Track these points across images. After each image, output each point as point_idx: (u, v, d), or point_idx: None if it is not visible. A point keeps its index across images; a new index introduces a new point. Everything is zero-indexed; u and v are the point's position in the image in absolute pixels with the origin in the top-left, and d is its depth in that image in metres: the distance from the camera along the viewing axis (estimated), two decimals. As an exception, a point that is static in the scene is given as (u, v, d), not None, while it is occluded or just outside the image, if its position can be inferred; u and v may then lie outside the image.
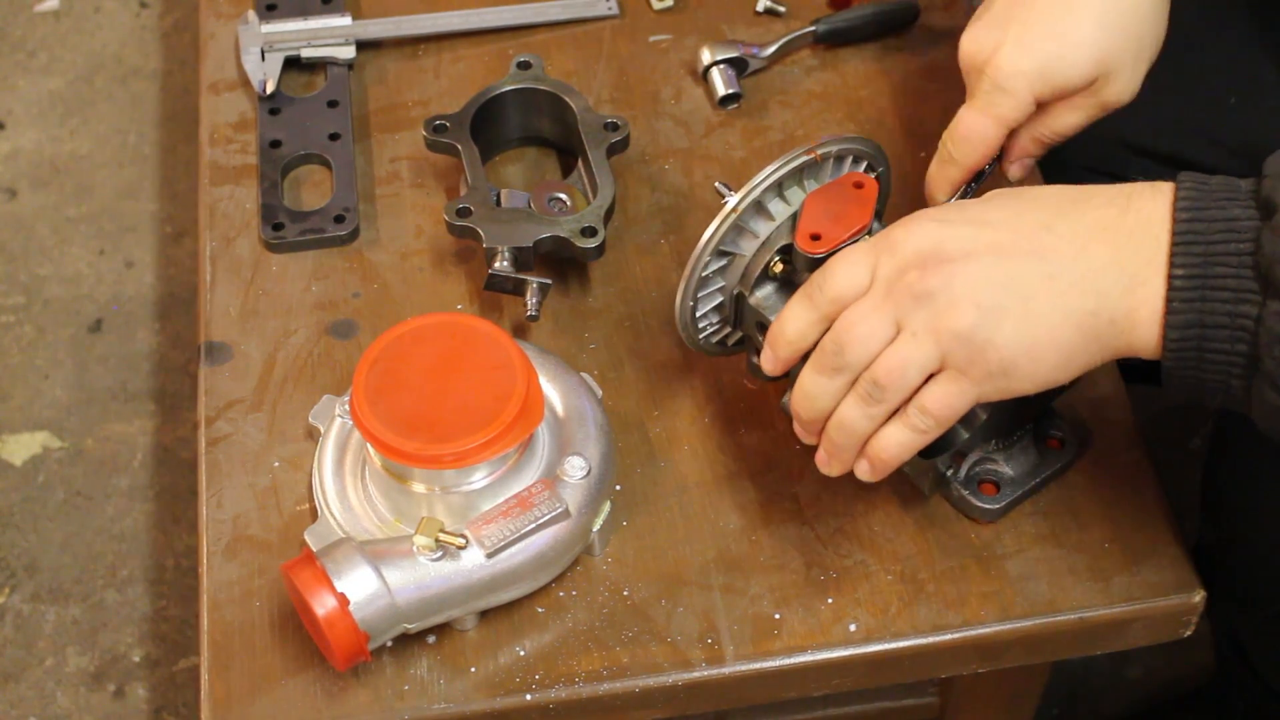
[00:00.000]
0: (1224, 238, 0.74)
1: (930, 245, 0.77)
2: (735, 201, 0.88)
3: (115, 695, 1.57)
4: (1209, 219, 0.75)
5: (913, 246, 0.78)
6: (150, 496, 1.70)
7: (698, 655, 0.89)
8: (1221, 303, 0.74)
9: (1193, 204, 0.75)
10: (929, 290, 0.77)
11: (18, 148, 1.98)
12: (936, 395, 0.78)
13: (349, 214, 1.08)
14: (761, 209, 0.89)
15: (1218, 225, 0.74)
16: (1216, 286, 0.74)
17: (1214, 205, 0.75)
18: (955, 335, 0.76)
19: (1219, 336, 0.74)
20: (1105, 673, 1.57)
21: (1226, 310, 0.74)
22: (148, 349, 1.81)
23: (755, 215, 0.89)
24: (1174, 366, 0.76)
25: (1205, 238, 0.74)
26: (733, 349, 0.96)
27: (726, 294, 0.91)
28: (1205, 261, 0.74)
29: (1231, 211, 0.75)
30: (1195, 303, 0.74)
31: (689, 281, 0.89)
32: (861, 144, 0.91)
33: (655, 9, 1.21)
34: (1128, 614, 0.91)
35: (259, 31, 1.18)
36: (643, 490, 0.96)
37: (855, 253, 0.81)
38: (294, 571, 0.84)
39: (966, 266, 0.76)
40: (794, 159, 0.88)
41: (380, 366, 0.87)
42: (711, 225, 0.88)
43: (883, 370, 0.78)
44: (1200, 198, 0.76)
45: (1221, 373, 0.75)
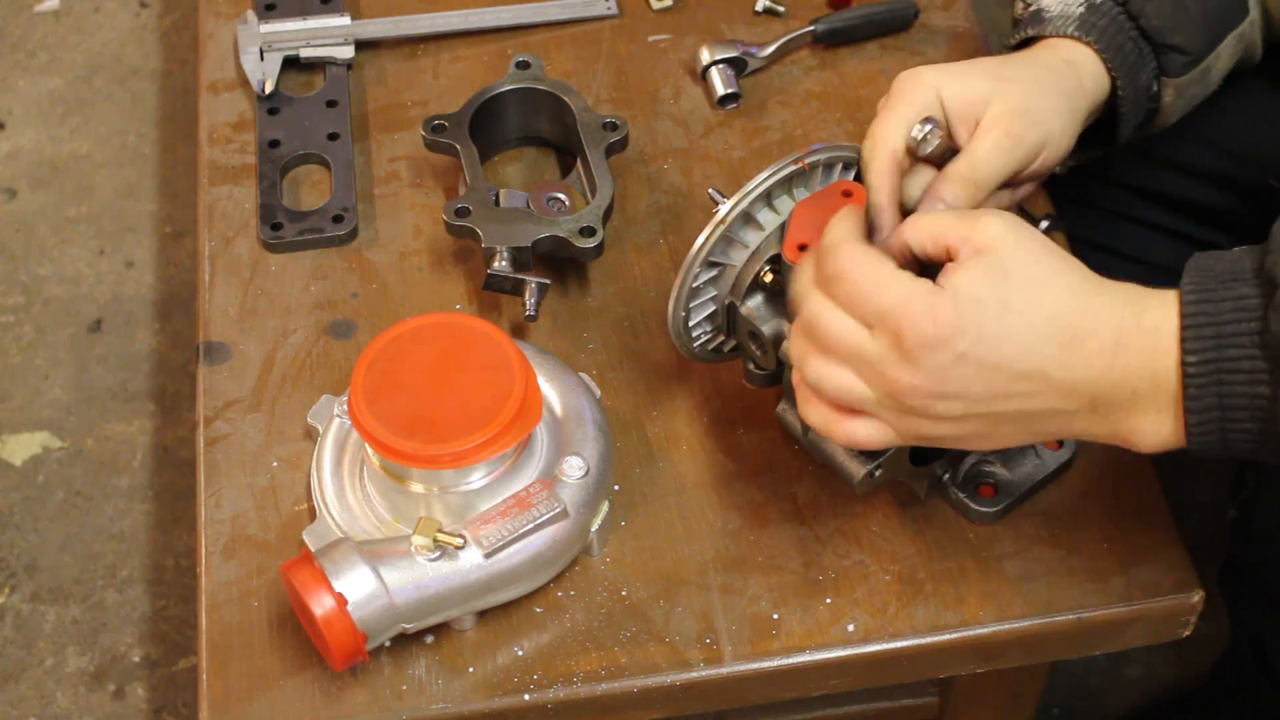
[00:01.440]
0: (1233, 317, 0.74)
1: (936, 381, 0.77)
2: (724, 213, 0.88)
3: (115, 695, 1.57)
4: (1216, 299, 0.75)
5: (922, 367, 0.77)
6: (150, 496, 1.70)
7: (696, 655, 0.89)
8: (1237, 385, 0.74)
9: (1199, 288, 0.76)
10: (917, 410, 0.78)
11: (18, 148, 1.98)
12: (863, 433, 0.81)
13: (348, 214, 1.08)
14: (750, 219, 0.89)
15: (1226, 306, 0.75)
16: (1231, 370, 0.74)
17: (1220, 286, 0.75)
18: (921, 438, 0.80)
19: (1239, 418, 0.75)
20: (1105, 673, 1.56)
21: (1244, 392, 0.74)
22: (147, 349, 1.81)
23: (744, 226, 0.89)
24: (1199, 447, 0.76)
25: (1215, 319, 0.74)
26: (729, 355, 0.96)
27: (719, 303, 0.91)
28: (1218, 344, 0.74)
29: (1239, 290, 0.75)
30: (1211, 387, 0.75)
31: (680, 292, 0.89)
32: (852, 151, 0.91)
33: (654, 9, 1.21)
34: (1126, 614, 0.91)
35: (258, 31, 1.18)
36: (641, 490, 0.96)
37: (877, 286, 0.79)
38: (292, 571, 0.84)
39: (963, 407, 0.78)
40: (782, 169, 0.88)
41: (379, 366, 0.87)
42: (700, 237, 0.88)
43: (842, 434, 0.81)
44: (1204, 282, 0.76)
45: (1247, 446, 0.76)
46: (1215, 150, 1.14)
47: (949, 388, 0.77)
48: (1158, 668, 1.56)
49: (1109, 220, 1.18)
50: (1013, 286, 0.78)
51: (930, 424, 0.79)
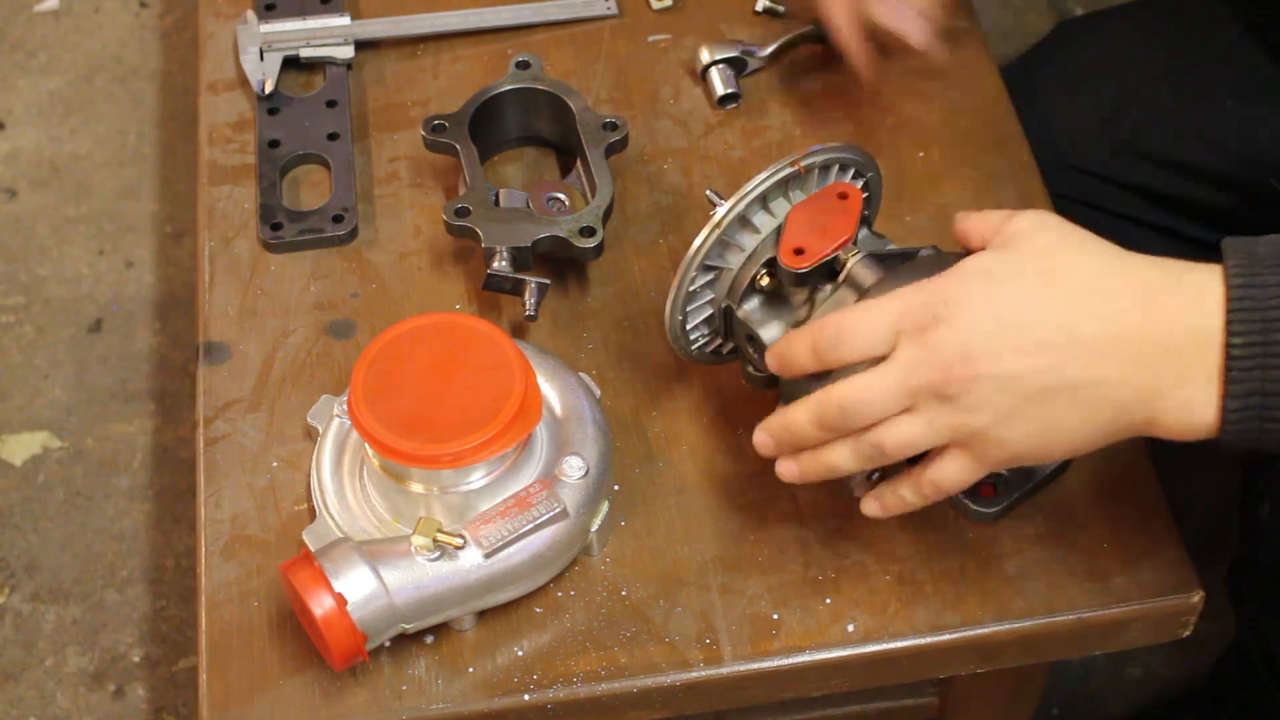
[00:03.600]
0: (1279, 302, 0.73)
1: (954, 346, 0.76)
2: (719, 216, 0.88)
3: (115, 695, 1.57)
4: (1263, 284, 0.74)
5: (936, 343, 0.77)
6: (150, 496, 1.70)
7: (696, 655, 0.89)
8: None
9: (1244, 270, 0.74)
10: (952, 394, 0.77)
11: (18, 148, 1.98)
12: (949, 474, 0.80)
13: (347, 214, 1.08)
14: (746, 223, 0.89)
15: (1274, 290, 0.73)
16: (1276, 352, 0.73)
17: (1266, 271, 0.74)
18: (971, 432, 0.77)
19: (1277, 409, 0.73)
20: (1105, 673, 1.56)
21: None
22: (148, 349, 1.81)
23: (740, 229, 0.89)
24: (1233, 438, 0.75)
25: (1262, 304, 0.73)
26: (727, 358, 0.96)
27: (715, 306, 0.92)
28: (1264, 328, 0.73)
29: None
30: (1255, 370, 0.73)
31: (676, 296, 0.89)
32: (848, 152, 0.91)
33: (654, 9, 1.21)
34: (1126, 614, 0.91)
35: (258, 31, 1.18)
36: (641, 490, 0.96)
37: (876, 321, 0.79)
38: (292, 571, 0.84)
39: (992, 373, 0.76)
40: (778, 171, 0.88)
41: (378, 366, 0.87)
42: (696, 240, 0.88)
43: (891, 443, 0.79)
44: (1251, 264, 0.74)
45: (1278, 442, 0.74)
46: (1216, 150, 1.14)
47: (979, 361, 0.75)
48: (1158, 668, 1.56)
49: (1109, 220, 1.18)
50: (1031, 255, 0.77)
51: (984, 416, 0.76)
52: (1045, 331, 0.75)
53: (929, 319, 0.77)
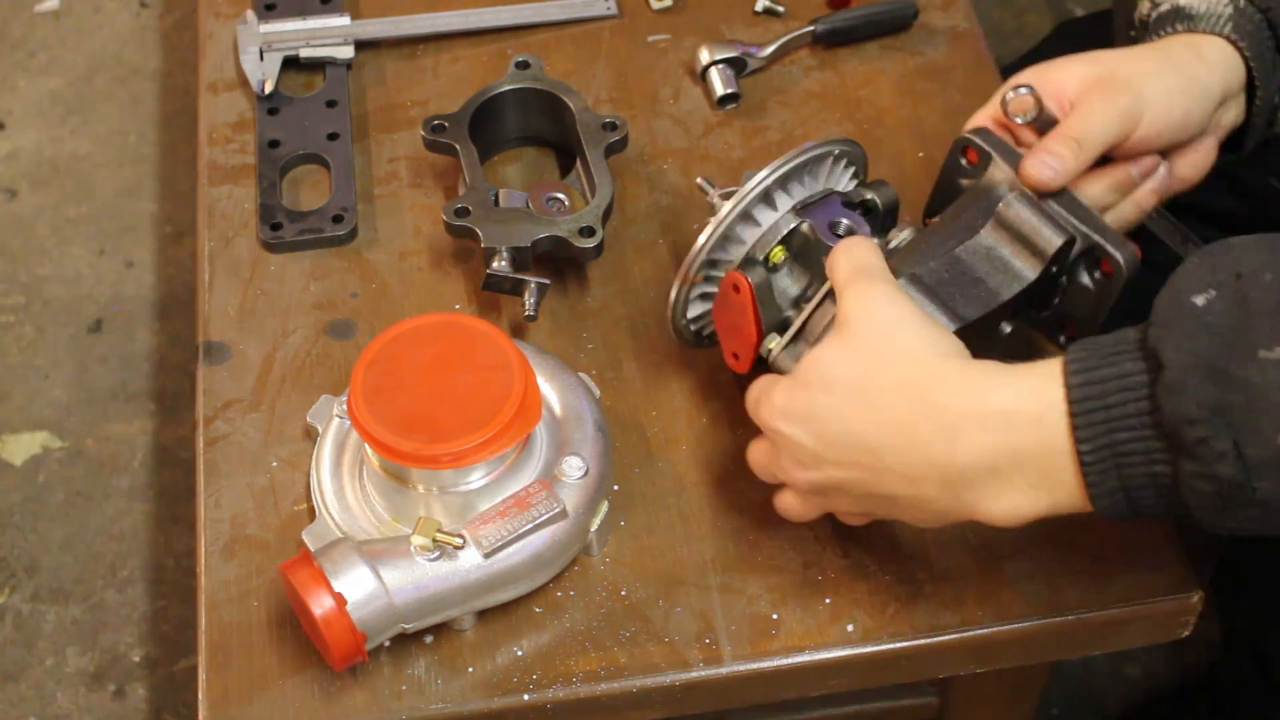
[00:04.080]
0: (1120, 398, 0.72)
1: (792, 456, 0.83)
2: (723, 214, 0.90)
3: (115, 695, 1.57)
4: (1102, 379, 0.73)
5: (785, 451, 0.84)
6: (150, 496, 1.70)
7: (695, 655, 0.89)
8: (1135, 467, 0.73)
9: (1084, 365, 0.74)
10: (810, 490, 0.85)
11: (18, 148, 1.98)
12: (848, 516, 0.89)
13: (347, 214, 1.08)
14: (749, 217, 0.91)
15: (1112, 385, 0.72)
16: (1125, 452, 0.72)
17: (1105, 364, 0.73)
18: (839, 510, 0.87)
19: (1145, 497, 0.74)
20: (1105, 673, 1.57)
21: (1144, 473, 0.73)
22: (148, 349, 1.81)
23: (743, 223, 0.91)
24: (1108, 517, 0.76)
25: (1103, 402, 0.73)
26: None
27: None
28: (1108, 428, 0.72)
29: (1123, 366, 0.72)
30: (1110, 472, 0.73)
31: (677, 298, 0.93)
32: (846, 144, 0.93)
33: (654, 9, 1.21)
34: (1126, 614, 0.91)
35: (258, 31, 1.18)
36: (640, 490, 0.96)
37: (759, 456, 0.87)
38: (291, 571, 0.84)
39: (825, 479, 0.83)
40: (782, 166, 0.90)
41: (378, 366, 0.87)
42: (701, 237, 0.91)
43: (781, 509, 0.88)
44: (1090, 357, 0.74)
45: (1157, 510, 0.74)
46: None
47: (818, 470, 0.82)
48: (1158, 668, 1.57)
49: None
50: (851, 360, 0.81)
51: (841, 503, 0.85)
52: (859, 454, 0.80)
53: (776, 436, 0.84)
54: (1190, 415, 0.69)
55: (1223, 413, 0.68)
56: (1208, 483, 0.70)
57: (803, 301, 0.91)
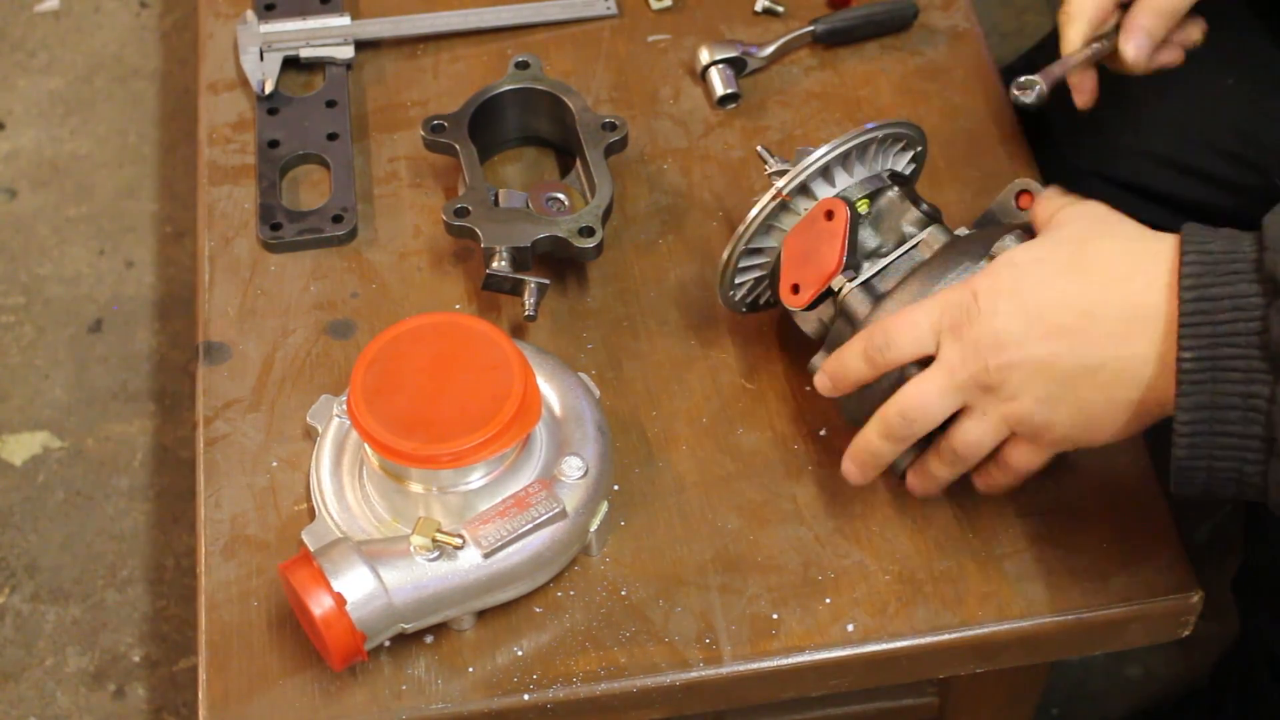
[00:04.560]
0: (1231, 316, 0.73)
1: (988, 336, 0.80)
2: (781, 185, 0.91)
3: (115, 695, 1.57)
4: (1214, 297, 0.74)
5: (973, 335, 0.81)
6: (150, 496, 1.70)
7: (695, 655, 0.89)
8: (1232, 384, 0.73)
9: (1196, 281, 0.75)
10: (992, 383, 0.81)
11: (18, 148, 1.98)
12: (1016, 456, 0.84)
13: (347, 214, 1.08)
14: (806, 190, 0.92)
15: (1224, 304, 0.74)
16: (1226, 368, 0.73)
17: (1219, 281, 0.74)
18: (1019, 419, 0.82)
19: (1231, 419, 0.74)
20: (1105, 673, 1.56)
21: (1238, 391, 0.73)
22: (148, 349, 1.81)
23: (801, 195, 0.92)
24: (1186, 455, 0.75)
25: (1212, 318, 0.74)
26: (764, 307, 0.99)
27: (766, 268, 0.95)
28: (1213, 343, 0.73)
29: (1238, 287, 0.74)
30: (1205, 384, 0.74)
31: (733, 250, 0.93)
32: (908, 128, 0.94)
33: (654, 9, 1.21)
34: (1126, 614, 0.91)
35: (258, 31, 1.18)
36: (640, 490, 0.96)
37: (918, 322, 0.83)
38: (291, 571, 0.84)
39: (1023, 358, 0.79)
40: (846, 142, 0.90)
41: (378, 366, 0.87)
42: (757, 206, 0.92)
43: (960, 444, 0.84)
44: (1204, 273, 0.75)
45: (1235, 458, 0.74)
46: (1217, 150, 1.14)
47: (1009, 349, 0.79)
48: (1158, 668, 1.56)
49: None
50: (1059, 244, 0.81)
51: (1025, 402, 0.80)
52: (1064, 317, 0.78)
53: (964, 315, 0.81)
54: None
55: None
56: None
57: (877, 256, 0.91)
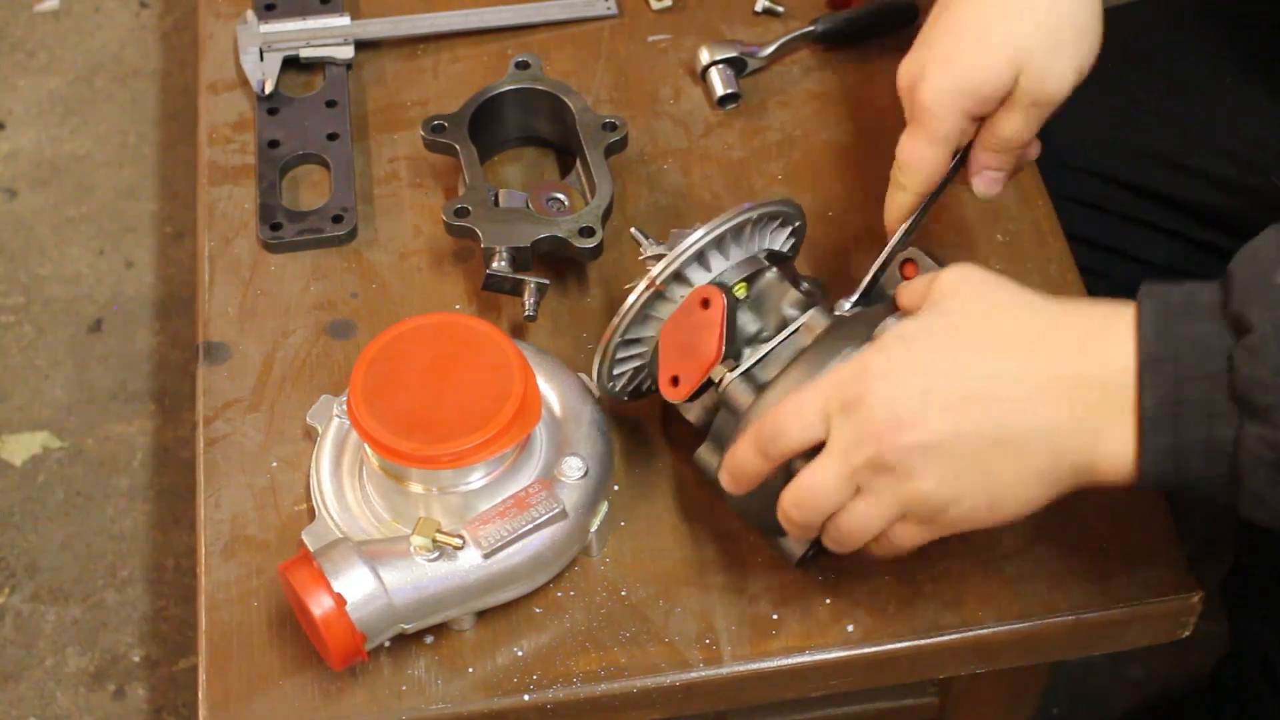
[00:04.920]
0: (1193, 358, 0.72)
1: (882, 411, 0.76)
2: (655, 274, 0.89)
3: (115, 695, 1.57)
4: (1176, 338, 0.72)
5: (864, 412, 0.76)
6: (150, 496, 1.70)
7: (695, 656, 0.89)
8: (1196, 424, 0.71)
9: (1156, 325, 0.73)
10: (889, 464, 0.76)
11: (18, 148, 1.98)
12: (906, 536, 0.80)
13: (347, 214, 1.08)
14: (681, 278, 0.90)
15: (1186, 345, 0.72)
16: (1190, 409, 0.71)
17: (1179, 323, 0.72)
18: (919, 501, 0.77)
19: (1196, 459, 0.72)
20: (1105, 673, 1.56)
21: (1203, 431, 0.71)
22: (148, 349, 1.81)
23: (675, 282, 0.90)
24: (1154, 489, 0.74)
25: (1174, 359, 0.72)
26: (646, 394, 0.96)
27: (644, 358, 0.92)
28: (1176, 384, 0.72)
29: (1198, 329, 0.72)
30: (1169, 426, 0.72)
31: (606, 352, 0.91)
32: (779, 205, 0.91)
33: (654, 9, 1.21)
34: (1126, 615, 0.91)
35: (258, 31, 1.18)
36: (640, 490, 0.95)
37: (806, 406, 0.79)
38: (291, 572, 0.84)
39: (919, 432, 0.75)
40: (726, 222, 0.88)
41: (378, 366, 0.87)
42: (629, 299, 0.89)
43: (846, 529, 0.80)
44: (1162, 316, 0.73)
45: (1202, 489, 0.73)
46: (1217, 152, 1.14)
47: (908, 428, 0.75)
48: (1158, 668, 1.57)
49: (1109, 220, 1.18)
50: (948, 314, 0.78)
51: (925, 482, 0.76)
52: (968, 387, 0.75)
53: (854, 396, 0.77)
54: (1267, 379, 0.69)
55: None
56: (1270, 450, 0.69)
57: (758, 341, 0.88)
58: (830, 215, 1.08)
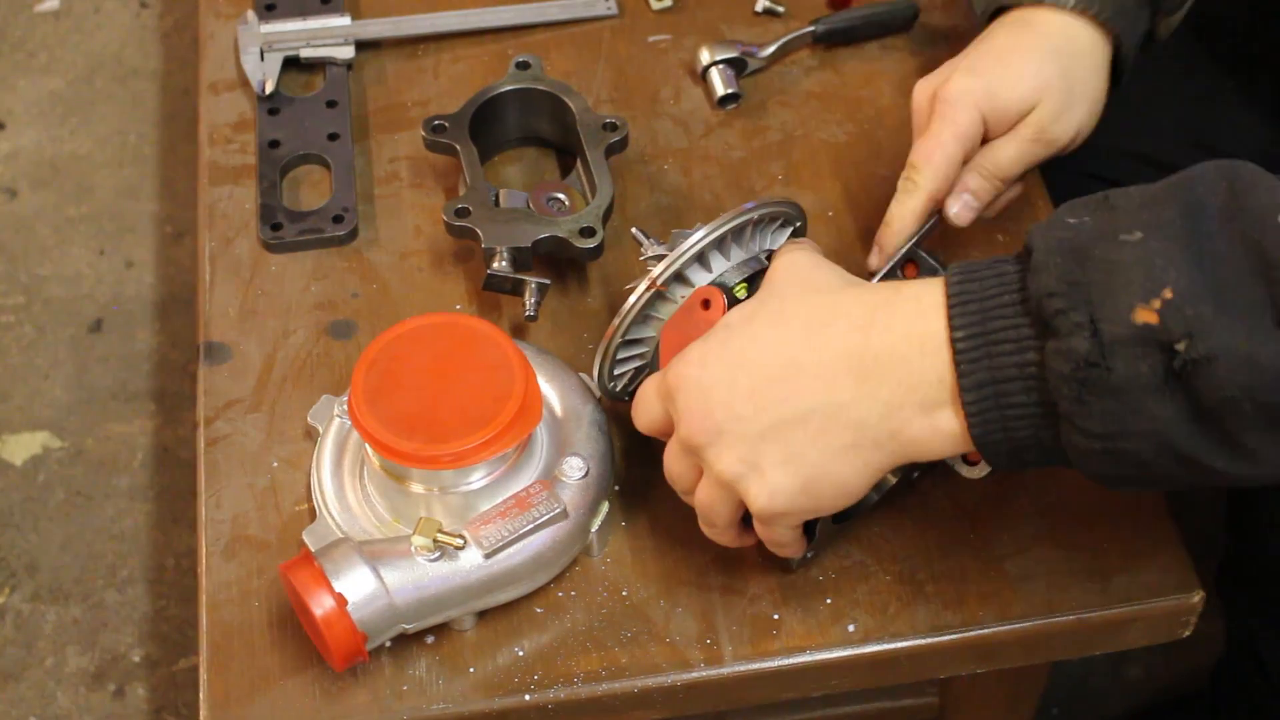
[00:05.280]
0: (996, 291, 0.74)
1: (696, 398, 0.80)
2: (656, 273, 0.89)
3: (115, 695, 1.57)
4: (979, 278, 0.75)
5: (683, 398, 0.81)
6: (150, 496, 1.70)
7: (696, 656, 0.89)
8: (1006, 355, 0.73)
9: (961, 272, 0.76)
10: (700, 445, 0.80)
11: (18, 148, 1.98)
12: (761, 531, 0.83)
13: (348, 214, 1.08)
14: (682, 278, 0.90)
15: (989, 282, 0.74)
16: (998, 340, 0.73)
17: (982, 269, 0.75)
18: (729, 484, 0.80)
19: (1013, 390, 0.73)
20: (1105, 673, 1.57)
21: (1013, 361, 0.73)
22: (148, 349, 1.81)
23: (676, 283, 0.90)
24: (979, 432, 0.75)
25: (977, 296, 0.74)
26: None
27: (646, 359, 0.93)
28: (982, 318, 0.74)
29: (1000, 269, 0.75)
30: (982, 360, 0.73)
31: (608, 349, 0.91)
32: (780, 206, 0.92)
33: (654, 9, 1.21)
34: (1126, 614, 0.91)
35: (258, 31, 1.18)
36: (641, 490, 0.95)
37: (648, 390, 0.85)
38: (292, 572, 0.84)
39: (727, 422, 0.79)
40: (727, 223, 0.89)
41: (379, 367, 0.87)
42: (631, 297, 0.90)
43: (700, 507, 0.84)
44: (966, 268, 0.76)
45: (1028, 426, 0.74)
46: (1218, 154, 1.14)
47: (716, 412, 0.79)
48: (1158, 668, 1.57)
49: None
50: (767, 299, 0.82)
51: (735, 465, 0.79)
52: (772, 369, 0.78)
53: (675, 382, 0.82)
54: (1050, 289, 0.71)
55: (1081, 287, 0.70)
56: (1066, 361, 0.70)
57: None
58: (830, 215, 1.08)
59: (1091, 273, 0.70)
